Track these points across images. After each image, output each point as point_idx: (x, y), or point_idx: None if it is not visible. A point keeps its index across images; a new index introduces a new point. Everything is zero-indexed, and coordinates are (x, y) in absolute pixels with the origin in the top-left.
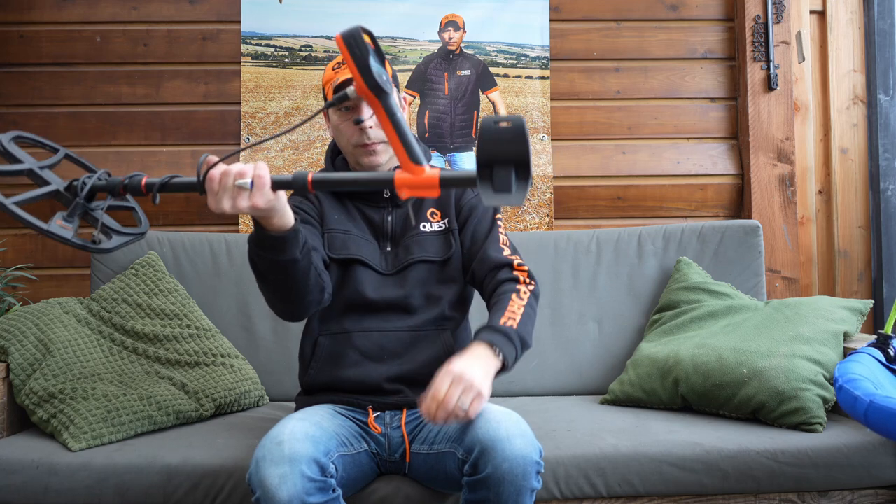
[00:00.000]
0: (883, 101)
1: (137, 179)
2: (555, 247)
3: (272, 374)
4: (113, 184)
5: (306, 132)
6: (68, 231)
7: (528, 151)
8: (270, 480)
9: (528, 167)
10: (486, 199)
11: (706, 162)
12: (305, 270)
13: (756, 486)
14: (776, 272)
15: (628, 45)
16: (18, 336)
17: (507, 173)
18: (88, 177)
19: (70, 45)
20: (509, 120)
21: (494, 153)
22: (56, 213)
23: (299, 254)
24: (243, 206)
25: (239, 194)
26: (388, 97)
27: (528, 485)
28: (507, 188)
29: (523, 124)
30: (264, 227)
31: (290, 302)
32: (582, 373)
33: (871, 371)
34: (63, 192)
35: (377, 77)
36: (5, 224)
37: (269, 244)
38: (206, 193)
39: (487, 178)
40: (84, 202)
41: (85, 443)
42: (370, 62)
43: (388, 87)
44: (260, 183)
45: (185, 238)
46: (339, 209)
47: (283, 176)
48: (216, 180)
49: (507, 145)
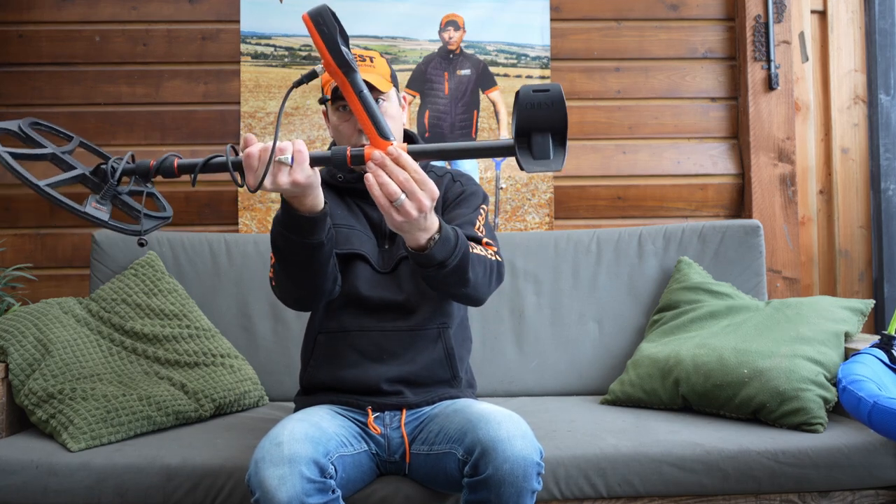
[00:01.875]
0: (884, 100)
1: (170, 161)
2: (555, 247)
3: (272, 375)
4: (142, 166)
5: (306, 132)
6: (104, 213)
7: (566, 118)
8: (270, 481)
9: (564, 134)
10: (527, 167)
11: (707, 162)
12: (328, 256)
13: (757, 487)
14: (777, 272)
15: (629, 44)
16: (18, 336)
17: (545, 140)
18: (117, 159)
19: (70, 45)
20: (547, 88)
21: (532, 120)
22: (88, 196)
23: (325, 238)
24: (284, 182)
25: (280, 170)
26: (356, 74)
27: (528, 486)
28: (546, 154)
29: (560, 92)
30: (295, 208)
31: (307, 288)
32: (582, 373)
33: (875, 372)
34: (89, 175)
35: (345, 54)
36: (5, 224)
37: (299, 225)
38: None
39: (526, 145)
40: (115, 185)
41: (84, 443)
42: (338, 39)
43: (354, 65)
44: (300, 158)
45: (184, 238)
46: (341, 205)
47: (322, 152)
48: (255, 156)
49: (544, 112)
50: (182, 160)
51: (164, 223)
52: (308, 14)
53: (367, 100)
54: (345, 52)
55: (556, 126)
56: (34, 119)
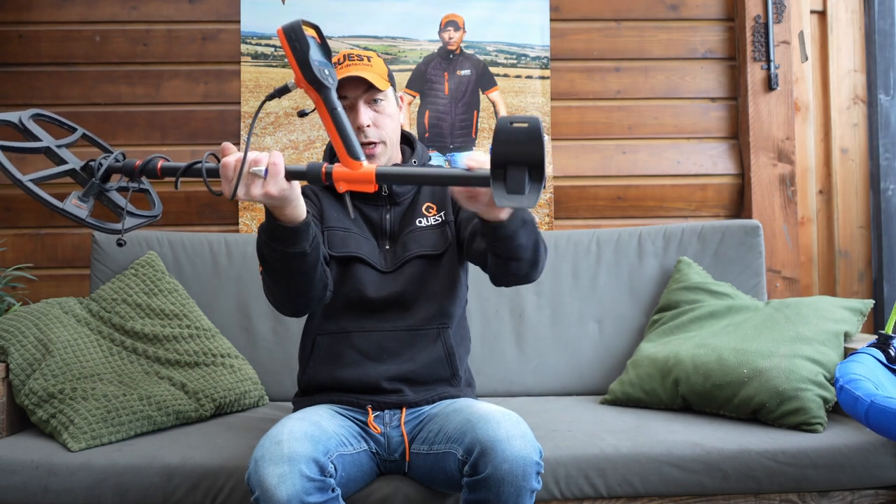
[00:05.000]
0: (883, 100)
1: (154, 162)
2: (555, 247)
3: (272, 375)
4: (128, 166)
5: (306, 132)
6: (83, 210)
7: (543, 153)
8: (269, 480)
9: (541, 169)
10: (499, 200)
11: (706, 162)
12: (313, 264)
13: (756, 487)
14: (776, 272)
15: (628, 44)
16: (18, 336)
17: (521, 174)
18: (105, 157)
19: (69, 45)
20: (525, 121)
21: (508, 154)
22: (71, 193)
23: (309, 247)
24: (256, 194)
25: (253, 181)
26: (329, 91)
27: (528, 485)
28: (521, 189)
29: (539, 126)
30: (276, 218)
31: (294, 296)
32: (582, 373)
33: (872, 371)
34: (79, 171)
35: (317, 71)
36: (5, 224)
37: (280, 235)
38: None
39: (501, 178)
40: (99, 182)
41: (84, 443)
42: (310, 56)
43: (328, 82)
44: (274, 171)
45: (184, 238)
46: (337, 207)
47: (298, 166)
48: (230, 167)
49: (521, 146)
50: (166, 163)
51: (148, 222)
52: (282, 28)
53: (339, 118)
54: (317, 69)
55: (532, 160)
56: (38, 110)
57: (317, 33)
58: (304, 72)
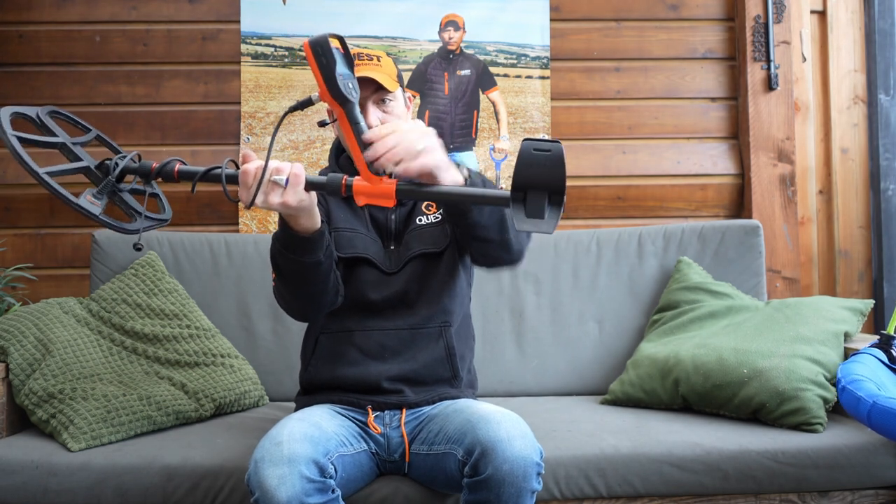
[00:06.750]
0: (883, 100)
1: (171, 165)
2: (555, 247)
3: (272, 375)
4: (145, 167)
5: (306, 132)
6: (96, 207)
7: (564, 180)
8: (269, 481)
9: (562, 195)
10: (518, 224)
11: (706, 162)
12: (326, 272)
13: (756, 487)
14: (776, 272)
15: (628, 44)
16: (18, 336)
17: (541, 199)
18: (121, 157)
19: (69, 45)
20: (549, 147)
21: (530, 178)
22: (86, 190)
23: (322, 256)
24: (274, 202)
25: (272, 190)
26: (353, 105)
27: (528, 486)
28: (540, 214)
29: (561, 153)
30: (291, 227)
31: (307, 303)
32: (582, 373)
33: (874, 372)
34: (94, 169)
35: (342, 86)
36: (5, 224)
37: (295, 244)
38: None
39: (521, 201)
40: (114, 182)
41: (84, 443)
42: (335, 71)
43: (352, 96)
44: (295, 181)
45: (184, 238)
46: (344, 208)
47: (318, 177)
48: (251, 174)
49: (543, 171)
50: (183, 167)
51: (159, 225)
52: (309, 43)
53: (361, 132)
54: (342, 83)
55: (553, 185)
56: (54, 108)
57: (341, 44)
58: (330, 87)
